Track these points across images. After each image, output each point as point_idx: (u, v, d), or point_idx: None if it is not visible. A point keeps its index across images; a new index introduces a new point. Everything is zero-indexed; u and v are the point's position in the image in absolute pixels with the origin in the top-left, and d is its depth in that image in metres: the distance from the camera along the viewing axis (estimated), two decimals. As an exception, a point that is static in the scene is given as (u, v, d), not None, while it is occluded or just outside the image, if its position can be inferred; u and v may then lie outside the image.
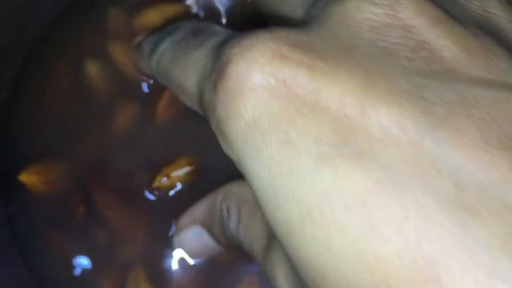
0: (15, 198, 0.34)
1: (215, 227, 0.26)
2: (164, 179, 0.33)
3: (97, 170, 0.34)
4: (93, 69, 0.36)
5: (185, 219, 0.29)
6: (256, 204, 0.18)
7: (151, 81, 0.35)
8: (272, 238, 0.20)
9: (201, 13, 0.35)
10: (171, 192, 0.33)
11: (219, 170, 0.30)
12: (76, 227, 0.35)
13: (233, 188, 0.26)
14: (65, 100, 0.36)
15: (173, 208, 0.32)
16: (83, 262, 0.35)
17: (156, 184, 0.33)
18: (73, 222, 0.34)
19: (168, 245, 0.32)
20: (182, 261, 0.31)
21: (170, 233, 0.32)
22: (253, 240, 0.22)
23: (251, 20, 0.25)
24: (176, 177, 0.33)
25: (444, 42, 0.16)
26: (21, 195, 0.33)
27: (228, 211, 0.25)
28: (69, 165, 0.34)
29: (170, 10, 0.35)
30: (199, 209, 0.28)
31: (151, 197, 0.34)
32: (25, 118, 0.36)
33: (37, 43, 0.37)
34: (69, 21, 0.37)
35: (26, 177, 0.33)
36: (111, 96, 0.36)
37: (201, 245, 0.28)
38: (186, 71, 0.19)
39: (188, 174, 0.33)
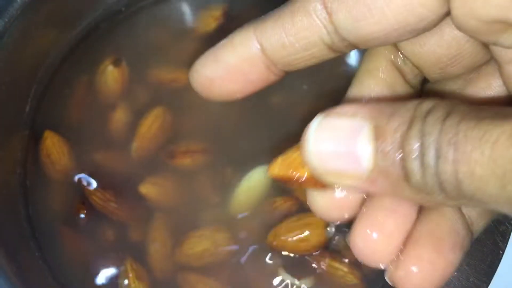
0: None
1: (394, 148, 0.19)
2: None
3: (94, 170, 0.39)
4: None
5: (347, 107, 0.21)
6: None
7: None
8: None
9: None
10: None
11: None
12: (84, 223, 0.38)
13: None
14: (78, 110, 0.41)
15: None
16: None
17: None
18: (80, 219, 0.38)
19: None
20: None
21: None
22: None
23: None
24: None
25: None
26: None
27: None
28: (72, 153, 0.40)
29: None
30: (380, 109, 0.20)
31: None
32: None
33: (58, 66, 0.42)
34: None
35: (47, 135, 0.40)
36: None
37: (347, 155, 0.20)
38: None
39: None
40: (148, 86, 0.41)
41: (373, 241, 0.22)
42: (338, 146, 0.20)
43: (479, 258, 0.27)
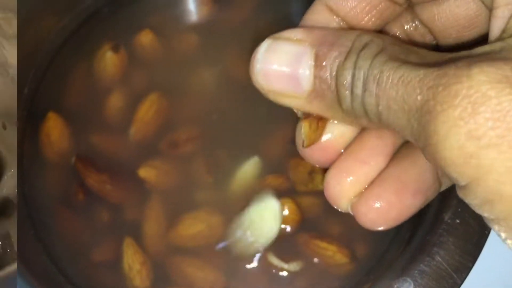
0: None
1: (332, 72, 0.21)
2: None
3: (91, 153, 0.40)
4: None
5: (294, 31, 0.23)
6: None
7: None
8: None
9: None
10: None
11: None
12: (80, 204, 0.39)
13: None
14: (77, 94, 0.42)
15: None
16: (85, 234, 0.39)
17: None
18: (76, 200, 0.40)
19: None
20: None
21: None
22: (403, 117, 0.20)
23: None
24: None
25: None
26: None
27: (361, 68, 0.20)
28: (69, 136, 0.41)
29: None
30: (322, 33, 0.22)
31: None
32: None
33: (57, 51, 0.43)
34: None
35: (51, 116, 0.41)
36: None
37: (289, 77, 0.22)
38: None
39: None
40: (145, 72, 0.42)
41: (346, 183, 0.24)
42: (282, 68, 0.22)
43: (465, 238, 0.29)
